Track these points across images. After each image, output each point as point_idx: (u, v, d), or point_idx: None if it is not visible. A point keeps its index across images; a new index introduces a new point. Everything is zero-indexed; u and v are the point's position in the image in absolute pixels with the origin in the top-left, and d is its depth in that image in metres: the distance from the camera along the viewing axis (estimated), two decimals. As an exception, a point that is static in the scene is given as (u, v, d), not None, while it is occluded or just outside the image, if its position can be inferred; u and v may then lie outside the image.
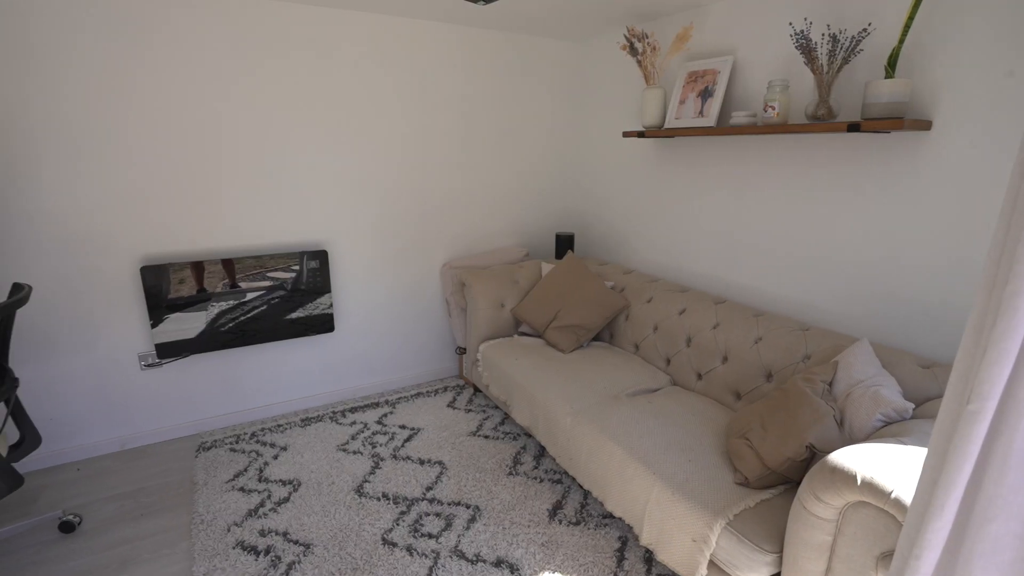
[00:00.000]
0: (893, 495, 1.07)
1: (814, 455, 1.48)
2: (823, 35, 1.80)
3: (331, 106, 2.57)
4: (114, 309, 2.31)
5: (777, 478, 1.56)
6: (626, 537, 1.91)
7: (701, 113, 2.29)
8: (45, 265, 2.16)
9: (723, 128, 2.12)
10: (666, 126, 2.45)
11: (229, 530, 1.93)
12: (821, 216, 2.01)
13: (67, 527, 1.93)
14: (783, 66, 2.07)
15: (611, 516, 2.01)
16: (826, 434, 1.47)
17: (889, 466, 1.13)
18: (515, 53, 2.98)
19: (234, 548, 1.84)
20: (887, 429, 1.42)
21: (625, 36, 2.43)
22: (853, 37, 1.70)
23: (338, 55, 2.52)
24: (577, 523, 1.98)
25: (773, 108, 1.93)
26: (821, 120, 1.80)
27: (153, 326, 2.33)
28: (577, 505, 2.07)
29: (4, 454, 1.66)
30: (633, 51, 2.44)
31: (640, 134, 2.53)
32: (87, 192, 2.17)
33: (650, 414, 1.96)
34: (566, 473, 2.26)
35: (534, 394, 2.23)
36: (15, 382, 1.71)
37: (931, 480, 0.68)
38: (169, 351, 2.39)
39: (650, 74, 2.46)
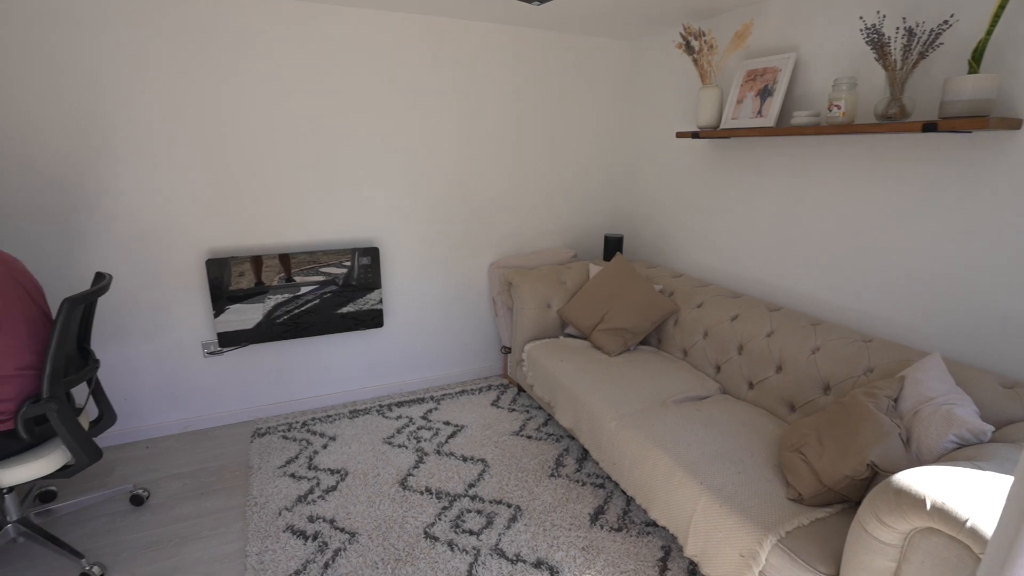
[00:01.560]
0: (969, 524, 1.00)
1: (876, 474, 1.40)
2: (897, 29, 1.69)
3: (386, 107, 2.63)
4: (181, 299, 2.46)
5: (834, 496, 1.48)
6: (670, 547, 1.87)
7: (760, 113, 2.20)
8: (122, 256, 2.32)
9: (783, 128, 2.03)
10: (722, 126, 2.37)
11: (280, 514, 2.01)
12: (889, 222, 1.90)
13: (137, 500, 2.07)
14: (851, 63, 1.96)
15: (654, 524, 1.97)
16: (890, 453, 1.38)
17: (964, 492, 1.05)
18: (566, 53, 2.97)
19: (284, 531, 1.92)
20: (961, 452, 1.32)
21: (681, 34, 2.37)
22: (932, 30, 1.59)
23: (393, 58, 2.59)
24: (619, 529, 1.95)
25: (839, 107, 1.83)
26: (892, 120, 1.69)
27: (216, 316, 2.46)
28: (619, 511, 2.04)
29: (86, 429, 1.79)
30: (689, 49, 2.37)
31: (694, 135, 2.47)
32: (160, 189, 2.32)
33: (698, 422, 1.91)
34: (609, 478, 2.23)
35: (578, 396, 2.21)
36: (96, 363, 1.85)
37: (1019, 509, 0.63)
38: (229, 340, 2.52)
39: (706, 73, 2.39)
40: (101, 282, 1.77)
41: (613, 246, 3.11)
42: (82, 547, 1.85)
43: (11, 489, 1.71)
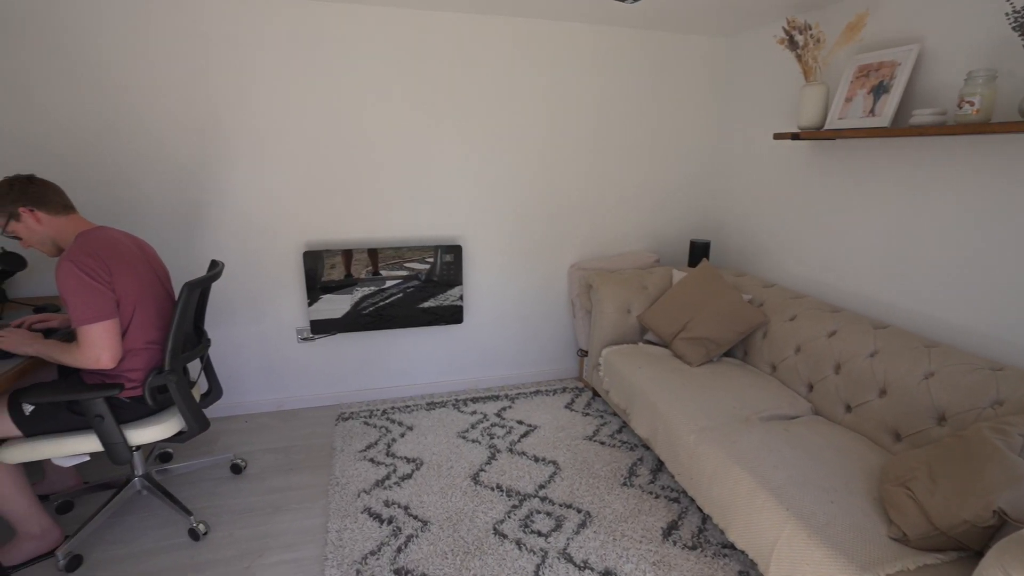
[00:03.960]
0: (1125, 590, 0.85)
1: (1004, 524, 1.23)
2: (1052, 14, 1.48)
3: (472, 109, 2.69)
4: (280, 287, 2.67)
5: (946, 541, 1.32)
6: (748, 573, 1.76)
7: (872, 112, 2.01)
8: (232, 246, 2.55)
9: (901, 129, 1.84)
10: (827, 127, 2.19)
11: (359, 496, 2.12)
12: (1030, 234, 1.67)
13: (236, 469, 2.27)
14: (989, 53, 1.74)
15: (732, 547, 1.86)
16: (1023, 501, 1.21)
17: (1120, 552, 0.90)
18: (656, 52, 2.88)
19: (362, 513, 2.02)
20: (1116, 505, 1.13)
21: (784, 29, 2.22)
22: (1097, 15, 1.37)
23: (483, 60, 2.64)
24: (693, 547, 1.86)
25: (971, 104, 1.63)
26: (1041, 118, 1.48)
27: (309, 304, 2.64)
28: (694, 528, 1.95)
29: (198, 401, 1.99)
30: (792, 45, 2.22)
31: (794, 136, 2.30)
32: (266, 187, 2.52)
33: (786, 443, 1.78)
34: (684, 492, 2.14)
35: (656, 405, 2.14)
36: (208, 342, 2.05)
37: None
38: (320, 328, 2.69)
39: (810, 69, 2.22)
40: (215, 269, 1.95)
41: (699, 252, 2.98)
42: (191, 505, 2.06)
43: (138, 448, 1.94)
